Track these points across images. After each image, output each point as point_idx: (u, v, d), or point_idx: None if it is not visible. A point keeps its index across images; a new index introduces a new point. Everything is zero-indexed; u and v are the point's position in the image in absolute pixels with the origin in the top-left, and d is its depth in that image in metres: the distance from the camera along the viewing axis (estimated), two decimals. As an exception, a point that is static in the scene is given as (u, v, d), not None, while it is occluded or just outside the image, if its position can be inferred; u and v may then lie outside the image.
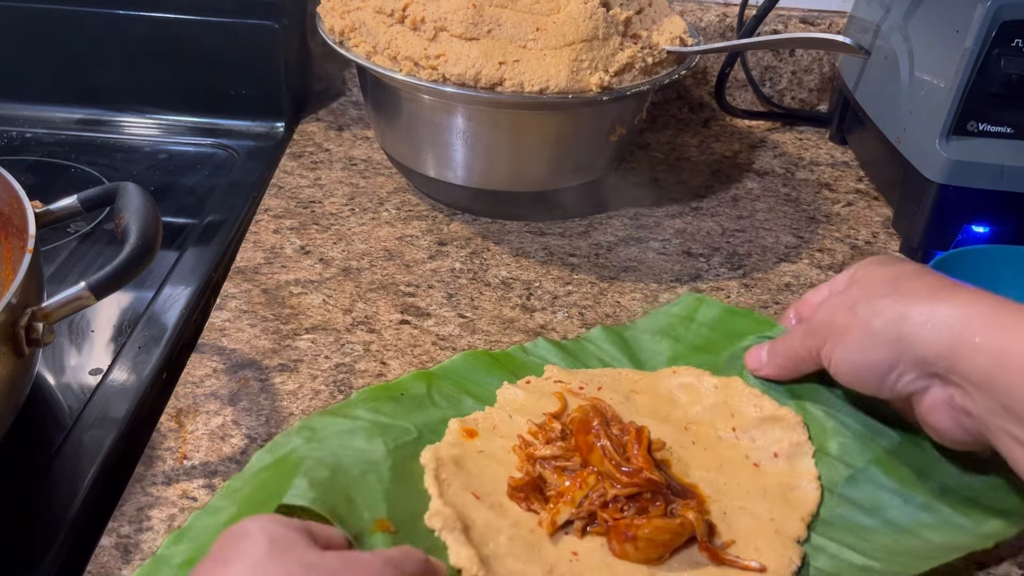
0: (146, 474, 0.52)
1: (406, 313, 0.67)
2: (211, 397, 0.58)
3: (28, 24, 0.91)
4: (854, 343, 0.48)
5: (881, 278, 0.50)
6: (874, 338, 0.47)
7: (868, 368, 0.48)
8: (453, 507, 0.47)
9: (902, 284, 0.48)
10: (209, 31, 0.90)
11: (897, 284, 0.48)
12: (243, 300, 0.67)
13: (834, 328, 0.50)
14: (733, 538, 0.48)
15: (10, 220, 0.57)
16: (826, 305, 0.52)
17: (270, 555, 0.36)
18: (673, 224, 0.81)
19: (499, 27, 0.69)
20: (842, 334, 0.49)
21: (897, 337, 0.46)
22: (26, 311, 0.49)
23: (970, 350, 0.44)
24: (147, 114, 0.94)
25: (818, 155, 0.95)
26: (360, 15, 0.73)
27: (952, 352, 0.44)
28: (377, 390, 0.56)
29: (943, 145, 0.72)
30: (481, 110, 0.72)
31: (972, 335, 0.44)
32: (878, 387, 0.48)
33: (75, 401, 0.58)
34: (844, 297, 0.50)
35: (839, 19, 0.97)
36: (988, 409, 0.44)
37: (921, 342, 0.45)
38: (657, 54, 0.73)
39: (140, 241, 0.52)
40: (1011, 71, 0.69)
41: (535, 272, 0.73)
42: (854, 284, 0.51)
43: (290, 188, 0.83)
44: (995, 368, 0.43)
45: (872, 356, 0.47)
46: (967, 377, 0.44)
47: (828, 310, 0.51)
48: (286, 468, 0.48)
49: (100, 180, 0.84)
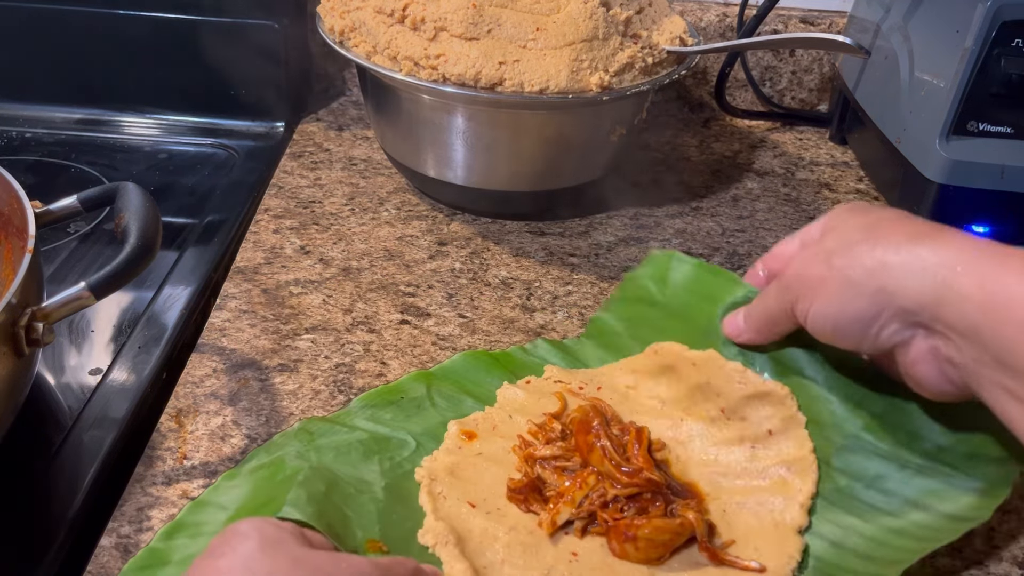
0: (146, 474, 0.52)
1: (406, 313, 0.67)
2: (211, 397, 0.58)
3: (28, 24, 0.91)
4: (831, 296, 0.45)
5: (857, 225, 0.46)
6: (853, 289, 0.44)
7: (848, 322, 0.45)
8: (448, 521, 0.47)
9: (879, 229, 0.45)
10: (209, 31, 0.90)
11: (874, 230, 0.45)
12: (243, 300, 0.67)
13: (809, 281, 0.46)
14: (733, 537, 0.48)
15: (10, 220, 0.57)
16: (799, 258, 0.48)
17: (260, 550, 0.36)
18: (673, 224, 0.81)
19: (499, 27, 0.69)
20: (818, 287, 0.46)
21: (878, 287, 0.44)
22: (26, 311, 0.49)
23: (956, 297, 0.41)
24: (147, 114, 0.94)
25: (818, 155, 0.95)
26: (360, 15, 0.73)
27: (937, 300, 0.42)
28: (377, 394, 0.56)
29: (943, 145, 0.72)
30: (481, 110, 0.72)
31: (958, 281, 0.41)
32: (859, 341, 0.46)
33: (75, 401, 0.58)
34: (817, 248, 0.47)
35: (839, 19, 0.97)
36: (976, 359, 0.41)
37: (903, 291, 0.43)
38: (657, 54, 0.73)
39: (140, 241, 0.52)
40: (1011, 71, 0.69)
41: (535, 272, 0.73)
42: (828, 233, 0.48)
43: (290, 188, 0.83)
44: (983, 316, 0.40)
45: (852, 309, 0.45)
46: (953, 326, 0.42)
47: (801, 263, 0.48)
48: (283, 475, 0.49)
49: (100, 180, 0.84)
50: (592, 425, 0.50)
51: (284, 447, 0.52)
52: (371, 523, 0.47)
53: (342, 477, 0.49)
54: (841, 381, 0.52)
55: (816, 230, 0.50)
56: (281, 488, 0.47)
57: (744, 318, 0.53)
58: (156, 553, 0.45)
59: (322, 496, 0.46)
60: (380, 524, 0.47)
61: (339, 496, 0.47)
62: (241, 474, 0.50)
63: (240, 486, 0.49)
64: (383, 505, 0.48)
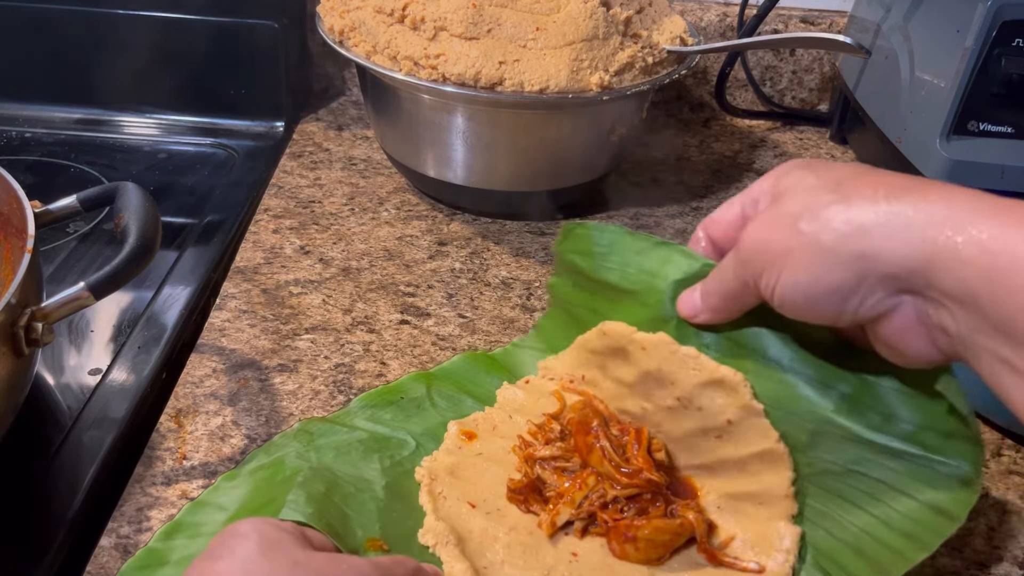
0: (145, 474, 0.52)
1: (406, 313, 0.67)
2: (211, 397, 0.58)
3: (28, 24, 0.91)
4: (802, 267, 0.40)
5: (819, 184, 0.40)
6: (827, 257, 0.39)
7: (824, 294, 0.40)
8: (448, 521, 0.47)
9: (848, 186, 0.39)
10: (209, 31, 0.90)
11: (842, 187, 0.39)
12: (243, 300, 0.67)
13: (772, 251, 0.40)
14: (732, 534, 0.48)
15: (9, 220, 0.57)
16: (756, 224, 0.42)
17: (260, 552, 0.36)
18: (673, 224, 0.81)
19: (499, 27, 0.69)
20: (784, 257, 0.40)
21: (857, 253, 0.38)
22: (25, 311, 0.49)
23: (952, 260, 0.36)
24: (147, 114, 0.94)
25: (818, 155, 0.95)
26: (360, 15, 0.73)
27: (929, 264, 0.37)
28: (376, 394, 0.56)
29: (943, 145, 0.71)
30: (481, 110, 0.72)
31: (952, 243, 0.36)
32: (837, 314, 0.40)
33: (74, 401, 0.58)
34: (776, 211, 0.41)
35: (839, 19, 0.97)
36: (973, 328, 0.37)
37: (888, 256, 0.37)
38: (657, 54, 0.73)
39: (139, 241, 0.52)
40: (1012, 71, 0.68)
41: (535, 272, 0.73)
42: (784, 195, 0.41)
43: (290, 188, 0.83)
44: (983, 280, 0.35)
45: (828, 280, 0.39)
46: (948, 292, 0.37)
47: (760, 230, 0.42)
48: (282, 475, 0.49)
49: (99, 180, 0.84)
50: (591, 426, 0.50)
51: (284, 448, 0.52)
52: (371, 522, 0.47)
53: (342, 477, 0.49)
54: (807, 361, 0.47)
55: (765, 191, 0.43)
56: (281, 489, 0.47)
57: (701, 295, 0.47)
58: (154, 553, 0.45)
59: (322, 496, 0.46)
60: (380, 523, 0.47)
61: (339, 496, 0.47)
62: (241, 475, 0.50)
63: (240, 487, 0.49)
64: (383, 504, 0.48)
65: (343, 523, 0.45)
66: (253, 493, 0.48)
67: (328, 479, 0.48)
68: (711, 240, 0.48)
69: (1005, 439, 0.59)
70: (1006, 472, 0.57)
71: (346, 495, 0.47)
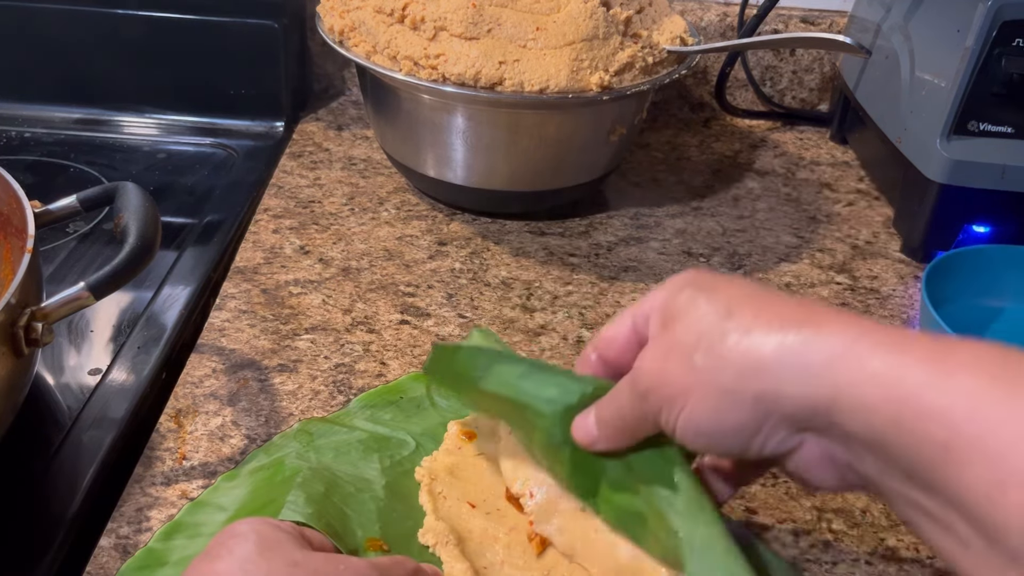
0: (145, 474, 0.52)
1: (406, 313, 0.67)
2: (210, 397, 0.58)
3: (28, 24, 0.91)
4: (701, 407, 0.37)
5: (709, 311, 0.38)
6: (726, 399, 0.36)
7: (726, 435, 0.37)
8: (448, 521, 0.47)
9: (739, 313, 0.37)
10: (209, 31, 0.90)
11: (733, 315, 0.37)
12: (243, 300, 0.67)
13: (670, 388, 0.38)
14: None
15: (9, 220, 0.57)
16: (651, 354, 0.40)
17: (258, 553, 0.36)
18: (673, 224, 0.81)
19: (499, 27, 0.69)
20: (683, 396, 0.38)
21: (757, 394, 0.36)
22: (25, 311, 0.49)
23: (855, 403, 0.33)
24: (146, 114, 0.94)
25: (819, 155, 0.95)
26: (360, 15, 0.73)
27: (830, 406, 0.34)
28: (376, 394, 0.56)
29: (944, 145, 0.71)
30: (481, 110, 0.71)
31: (855, 387, 0.33)
32: (742, 452, 0.38)
33: (74, 401, 0.58)
34: (670, 339, 0.39)
35: (840, 19, 0.97)
36: (881, 471, 0.35)
37: (788, 397, 0.35)
38: (657, 54, 0.73)
39: (139, 241, 0.52)
40: (1012, 71, 0.68)
41: (535, 272, 0.73)
42: (675, 320, 0.39)
43: (290, 188, 0.83)
44: (890, 425, 0.33)
45: (729, 421, 0.37)
46: (852, 435, 0.34)
47: (655, 361, 0.39)
48: (282, 476, 0.48)
49: (99, 180, 0.84)
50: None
51: (284, 448, 0.52)
52: (371, 522, 0.47)
53: (342, 477, 0.49)
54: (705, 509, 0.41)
55: (656, 307, 0.41)
56: (280, 489, 0.47)
57: (596, 423, 0.43)
58: (154, 553, 0.45)
59: (321, 496, 0.46)
60: (380, 523, 0.47)
61: (339, 496, 0.47)
62: (240, 475, 0.50)
63: (239, 487, 0.49)
64: (383, 504, 0.48)
65: (343, 523, 0.45)
66: (253, 493, 0.48)
67: (328, 479, 0.48)
68: (604, 360, 0.44)
69: (1005, 439, 0.59)
70: (1006, 472, 0.56)
71: (346, 495, 0.47)
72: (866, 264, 0.77)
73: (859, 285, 0.74)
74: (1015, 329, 0.67)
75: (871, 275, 0.75)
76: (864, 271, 0.76)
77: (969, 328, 0.64)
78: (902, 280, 0.75)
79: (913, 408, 0.32)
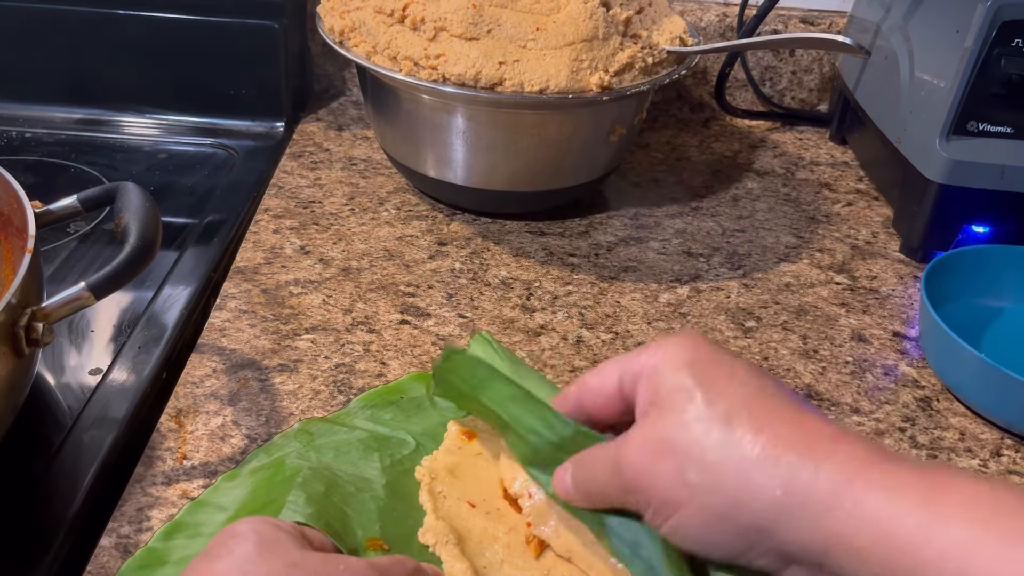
0: (146, 474, 0.52)
1: (406, 313, 0.67)
2: (211, 397, 0.58)
3: (28, 24, 0.91)
4: (690, 523, 0.37)
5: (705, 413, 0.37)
6: (717, 522, 0.36)
7: (713, 548, 0.37)
8: (448, 520, 0.47)
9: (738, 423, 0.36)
10: (209, 31, 0.90)
11: (732, 423, 0.36)
12: (243, 300, 0.67)
13: (658, 496, 0.37)
14: None
15: (10, 220, 0.57)
16: (637, 447, 0.38)
17: (257, 553, 0.36)
18: (673, 224, 0.81)
19: (499, 27, 0.69)
20: (672, 506, 0.37)
21: (750, 525, 0.35)
22: (26, 311, 0.49)
23: (849, 551, 0.33)
24: (147, 114, 0.94)
25: (818, 155, 0.95)
26: (360, 15, 0.73)
27: (825, 550, 0.34)
28: (376, 394, 0.56)
29: (943, 145, 0.71)
30: (481, 110, 0.72)
31: (849, 532, 0.33)
32: (730, 561, 0.38)
33: (75, 401, 0.58)
34: (660, 435, 0.38)
35: (839, 19, 0.97)
36: None
37: (783, 536, 0.35)
38: (657, 54, 0.73)
39: (140, 241, 0.52)
40: (1011, 71, 0.69)
41: (535, 272, 0.73)
42: (667, 410, 0.38)
43: (290, 188, 0.83)
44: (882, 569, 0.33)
45: (717, 539, 0.37)
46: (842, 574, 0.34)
47: (642, 458, 0.38)
48: (282, 475, 0.49)
49: (100, 180, 0.84)
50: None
51: (284, 447, 0.52)
52: (371, 521, 0.47)
53: (342, 476, 0.49)
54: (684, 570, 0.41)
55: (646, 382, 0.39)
56: (281, 489, 0.47)
57: (574, 482, 0.42)
58: (154, 553, 0.45)
59: (321, 496, 0.46)
60: (380, 522, 0.47)
61: (339, 495, 0.47)
62: (241, 475, 0.50)
63: (240, 487, 0.49)
64: (384, 503, 0.48)
65: (343, 523, 0.46)
66: (253, 493, 0.48)
67: (328, 479, 0.48)
68: (582, 408, 0.43)
69: (1004, 439, 0.59)
70: (1005, 472, 0.57)
71: (346, 495, 0.47)
72: (865, 264, 0.77)
73: (858, 285, 0.74)
74: (1014, 329, 0.67)
75: (870, 275, 0.75)
76: (863, 271, 0.76)
77: (968, 328, 0.64)
78: (901, 280, 0.75)
79: (910, 559, 0.32)
